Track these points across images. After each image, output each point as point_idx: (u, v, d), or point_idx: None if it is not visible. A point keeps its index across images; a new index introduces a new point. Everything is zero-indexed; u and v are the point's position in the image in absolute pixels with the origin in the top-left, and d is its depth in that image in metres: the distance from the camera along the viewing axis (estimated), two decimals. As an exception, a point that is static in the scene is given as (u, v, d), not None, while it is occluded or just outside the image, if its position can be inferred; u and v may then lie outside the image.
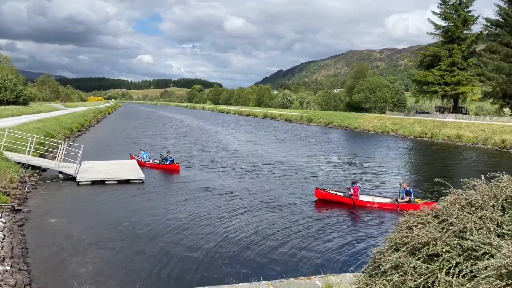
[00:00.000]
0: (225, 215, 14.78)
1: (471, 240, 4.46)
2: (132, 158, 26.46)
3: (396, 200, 16.56)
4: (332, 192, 17.49)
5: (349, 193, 16.94)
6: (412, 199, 16.37)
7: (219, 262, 10.48)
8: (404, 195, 16.57)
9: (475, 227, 4.63)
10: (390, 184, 21.72)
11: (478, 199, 5.07)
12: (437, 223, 5.10)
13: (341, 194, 17.19)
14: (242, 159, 29.48)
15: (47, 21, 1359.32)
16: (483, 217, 4.79)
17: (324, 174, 24.45)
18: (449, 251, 4.53)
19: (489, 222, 4.67)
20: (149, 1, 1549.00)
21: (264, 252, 11.22)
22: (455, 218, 4.90)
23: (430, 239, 4.75)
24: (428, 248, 4.67)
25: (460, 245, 4.53)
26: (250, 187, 19.94)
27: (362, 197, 17.00)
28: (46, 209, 14.89)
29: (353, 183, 17.29)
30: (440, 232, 4.87)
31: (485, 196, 5.05)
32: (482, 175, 5.66)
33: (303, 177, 23.02)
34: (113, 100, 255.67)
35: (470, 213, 4.95)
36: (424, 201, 15.73)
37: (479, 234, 4.53)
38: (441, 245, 4.60)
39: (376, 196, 17.55)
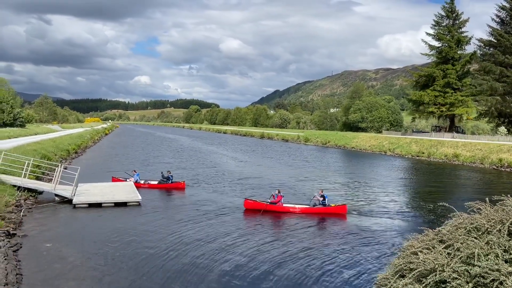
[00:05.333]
0: (223, 238, 14.59)
1: (479, 267, 4.35)
2: (113, 180, 25.30)
3: (314, 205, 18.92)
4: (258, 201, 19.39)
5: (270, 200, 19.20)
6: (326, 203, 18.80)
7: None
8: (320, 199, 18.92)
9: (482, 253, 4.53)
10: (392, 203, 21.62)
11: (484, 223, 4.98)
12: (442, 248, 5.00)
13: (267, 203, 19.05)
14: (238, 178, 29.30)
15: (45, 44, 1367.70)
16: (490, 242, 4.69)
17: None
18: (457, 278, 4.42)
19: (497, 247, 4.57)
20: (147, 25, 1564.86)
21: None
22: (461, 243, 4.80)
23: (437, 265, 4.64)
24: (435, 275, 4.55)
25: (468, 271, 4.42)
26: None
27: (286, 205, 19.16)
28: (42, 233, 14.62)
29: (278, 192, 19.48)
30: (446, 258, 4.77)
31: (491, 220, 4.97)
32: (487, 198, 5.59)
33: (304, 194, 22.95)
34: (110, 121, 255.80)
35: (476, 238, 4.86)
36: (336, 205, 19.11)
37: (487, 260, 4.43)
38: (448, 271, 4.49)
39: (296, 204, 19.65)
